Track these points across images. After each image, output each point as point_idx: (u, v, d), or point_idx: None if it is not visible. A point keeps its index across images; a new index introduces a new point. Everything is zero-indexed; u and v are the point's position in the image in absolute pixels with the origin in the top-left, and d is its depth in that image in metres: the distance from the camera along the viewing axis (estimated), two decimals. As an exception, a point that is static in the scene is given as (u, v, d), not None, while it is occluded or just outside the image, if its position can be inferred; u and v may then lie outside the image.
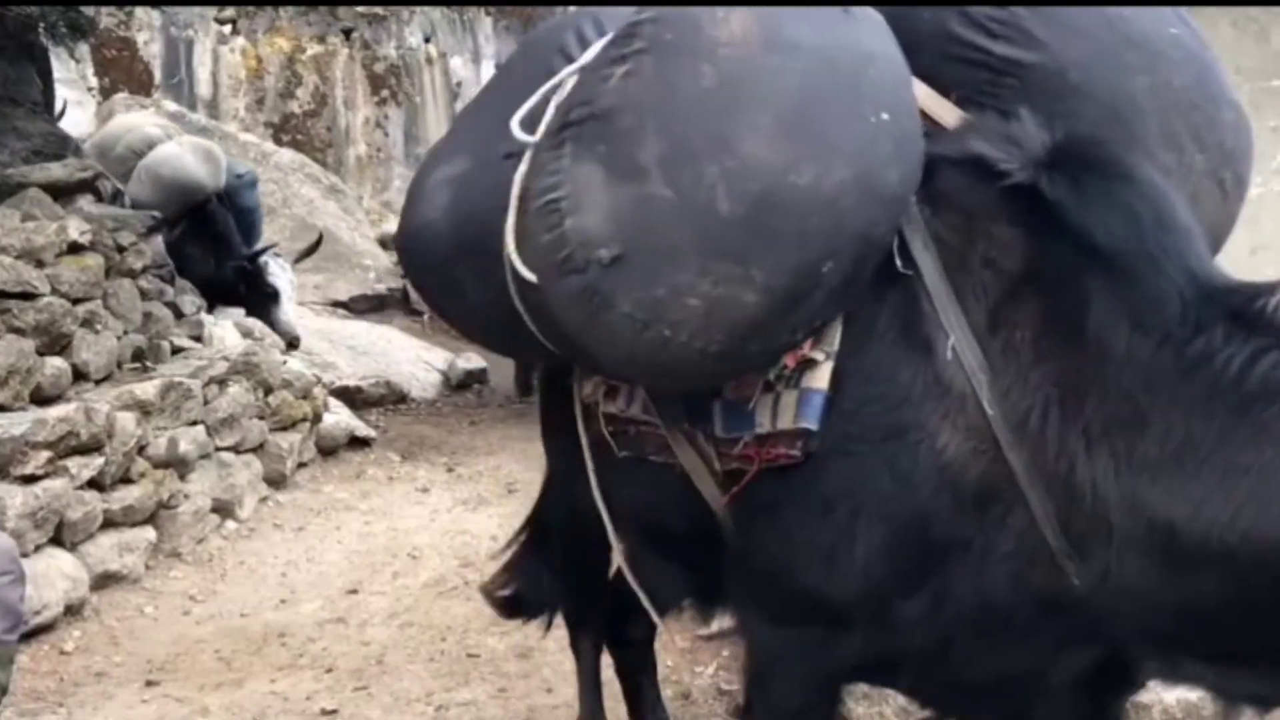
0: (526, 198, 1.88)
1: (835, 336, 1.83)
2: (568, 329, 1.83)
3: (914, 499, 1.76)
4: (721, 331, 1.71)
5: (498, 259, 1.94)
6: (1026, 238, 1.78)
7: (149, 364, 5.25)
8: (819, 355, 1.82)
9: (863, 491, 1.81)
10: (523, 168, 1.92)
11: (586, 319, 1.77)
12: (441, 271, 2.18)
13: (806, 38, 1.72)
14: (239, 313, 7.44)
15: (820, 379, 1.82)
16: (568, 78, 1.97)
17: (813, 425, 1.80)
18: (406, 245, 2.33)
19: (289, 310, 7.34)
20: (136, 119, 7.55)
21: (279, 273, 7.31)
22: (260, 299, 7.23)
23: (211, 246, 7.11)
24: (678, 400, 2.00)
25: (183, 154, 6.96)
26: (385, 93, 12.92)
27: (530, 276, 1.85)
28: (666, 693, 3.24)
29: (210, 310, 7.61)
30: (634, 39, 1.77)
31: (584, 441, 2.29)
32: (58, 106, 7.78)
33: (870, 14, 1.83)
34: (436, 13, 13.15)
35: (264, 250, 7.32)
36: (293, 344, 7.25)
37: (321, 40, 12.59)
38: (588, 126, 1.76)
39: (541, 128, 1.92)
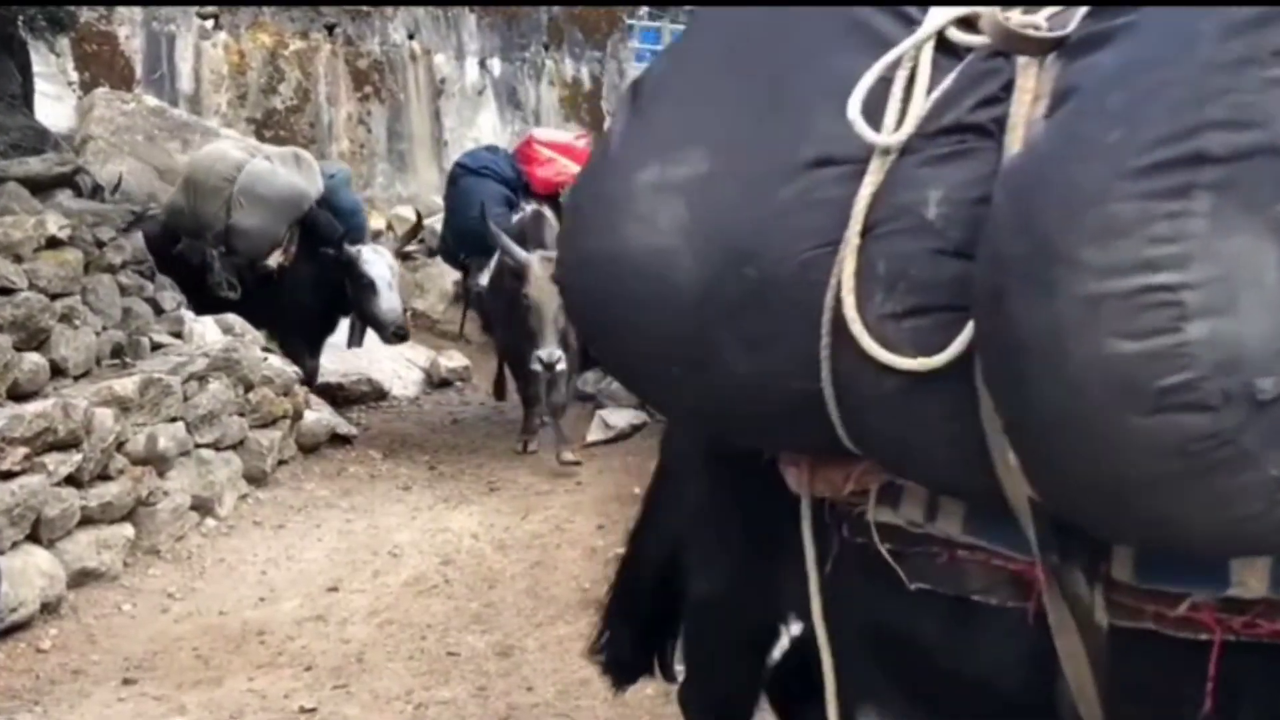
0: (881, 234, 1.36)
1: None
2: (1105, 480, 1.16)
3: None
4: None
5: (805, 323, 1.39)
6: None
7: (128, 360, 5.22)
8: None
9: None
10: (867, 187, 1.37)
11: (1179, 477, 1.11)
12: (682, 329, 1.46)
13: None
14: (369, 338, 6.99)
15: None
16: (916, 48, 1.40)
17: None
18: (604, 284, 1.53)
19: (390, 299, 6.67)
20: (218, 148, 7.16)
21: (373, 259, 6.67)
22: (356, 290, 6.67)
23: (322, 260, 6.70)
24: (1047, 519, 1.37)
25: (273, 167, 6.72)
26: (368, 89, 12.86)
27: (898, 362, 1.33)
28: (648, 691, 3.23)
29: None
30: None
31: (809, 554, 1.69)
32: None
33: None
34: (420, 9, 13.11)
35: (345, 234, 6.76)
36: (399, 335, 6.77)
37: (304, 36, 12.52)
38: (1247, 167, 1.08)
39: (901, 124, 1.38)
